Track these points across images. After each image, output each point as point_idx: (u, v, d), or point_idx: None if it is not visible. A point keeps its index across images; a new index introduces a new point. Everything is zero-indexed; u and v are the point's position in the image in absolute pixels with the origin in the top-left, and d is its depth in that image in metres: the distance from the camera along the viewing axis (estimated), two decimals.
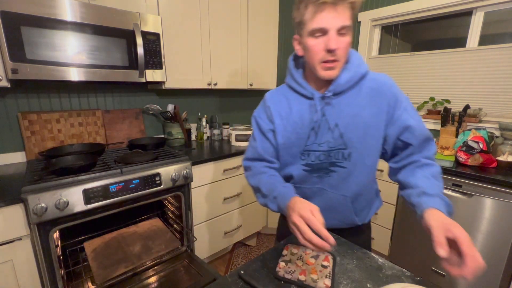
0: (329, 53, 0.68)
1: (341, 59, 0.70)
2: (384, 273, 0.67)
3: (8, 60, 1.10)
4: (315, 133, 0.79)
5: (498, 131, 1.64)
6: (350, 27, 0.67)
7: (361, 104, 0.75)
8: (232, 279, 0.65)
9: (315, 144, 0.80)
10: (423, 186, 0.68)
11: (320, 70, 0.72)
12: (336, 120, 0.76)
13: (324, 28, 0.66)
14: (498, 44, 1.67)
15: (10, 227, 1.03)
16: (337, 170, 0.81)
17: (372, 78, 0.77)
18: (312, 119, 0.79)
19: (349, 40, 0.69)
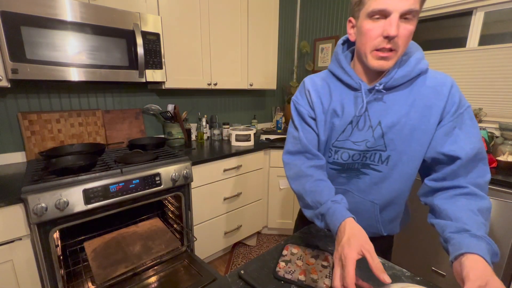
0: (386, 39, 0.58)
1: (399, 49, 0.60)
2: None
3: (8, 60, 1.10)
4: (351, 128, 0.71)
5: (498, 131, 1.64)
6: (417, 12, 0.57)
7: (412, 103, 0.66)
8: (232, 279, 0.65)
9: (349, 142, 0.72)
10: (466, 222, 0.55)
11: (371, 58, 0.63)
12: (380, 117, 0.68)
13: (386, 10, 0.57)
14: (498, 44, 1.66)
15: (10, 227, 1.03)
16: (369, 173, 0.74)
17: (431, 76, 0.67)
18: (353, 113, 0.70)
19: (412, 28, 0.59)
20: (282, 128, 2.56)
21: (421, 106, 0.66)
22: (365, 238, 0.53)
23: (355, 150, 0.72)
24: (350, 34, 0.69)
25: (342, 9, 2.39)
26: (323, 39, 2.59)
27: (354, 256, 0.49)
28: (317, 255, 0.72)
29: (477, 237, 0.52)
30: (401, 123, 0.67)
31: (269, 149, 2.02)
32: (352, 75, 0.70)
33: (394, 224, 0.81)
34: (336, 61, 0.75)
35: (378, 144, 0.70)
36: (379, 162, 0.71)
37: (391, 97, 0.67)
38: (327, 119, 0.75)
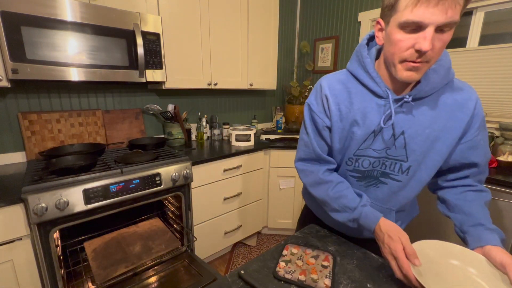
0: (418, 53, 0.55)
1: (431, 60, 0.57)
2: (384, 273, 0.66)
3: (9, 60, 1.10)
4: (373, 137, 0.69)
5: (498, 131, 1.64)
6: (457, 22, 0.52)
7: (437, 114, 0.65)
8: (232, 279, 0.65)
9: (370, 149, 0.70)
10: (479, 217, 0.66)
11: (400, 69, 0.59)
12: (404, 127, 0.66)
13: (422, 23, 0.52)
14: (499, 44, 1.66)
15: (11, 227, 1.03)
16: (388, 183, 0.74)
17: (457, 87, 0.66)
18: (376, 122, 0.67)
19: (448, 39, 0.54)
20: (282, 128, 2.55)
21: (445, 118, 0.65)
22: (399, 229, 0.63)
23: (375, 158, 0.71)
24: (377, 37, 0.64)
25: (342, 9, 2.39)
26: (323, 39, 2.59)
27: (400, 247, 0.58)
28: (317, 255, 0.72)
29: (491, 230, 0.63)
30: (425, 134, 0.66)
31: (269, 149, 2.02)
32: (379, 82, 0.66)
33: (405, 221, 0.85)
34: (359, 64, 0.70)
35: (400, 154, 0.69)
36: (399, 172, 0.71)
37: (416, 107, 0.66)
38: (345, 127, 0.72)
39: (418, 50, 0.54)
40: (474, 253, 0.61)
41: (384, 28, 0.61)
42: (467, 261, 0.61)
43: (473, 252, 0.62)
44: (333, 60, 2.54)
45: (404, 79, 0.59)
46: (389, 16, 0.58)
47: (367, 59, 0.68)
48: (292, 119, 2.49)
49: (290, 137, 2.24)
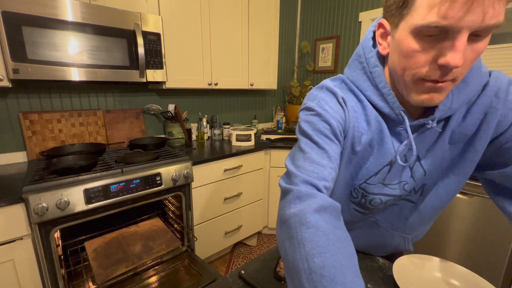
0: (442, 69, 0.39)
1: (459, 78, 0.41)
2: (385, 274, 0.66)
3: (10, 60, 1.10)
4: (388, 171, 0.54)
5: None
6: (500, 25, 0.36)
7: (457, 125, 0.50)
8: (233, 279, 0.65)
9: (381, 185, 0.55)
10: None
11: (413, 90, 0.43)
12: (419, 151, 0.52)
13: (452, 27, 0.35)
14: (499, 44, 1.66)
15: (11, 226, 1.03)
16: (399, 203, 0.62)
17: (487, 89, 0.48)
18: (393, 151, 0.52)
19: (484, 47, 0.38)
20: (282, 128, 2.56)
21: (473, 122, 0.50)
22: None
23: (389, 196, 0.56)
24: (380, 45, 0.49)
25: (343, 9, 2.39)
26: (324, 39, 2.59)
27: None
28: None
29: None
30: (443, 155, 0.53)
31: (270, 149, 2.02)
32: (392, 101, 0.49)
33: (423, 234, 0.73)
34: (364, 73, 0.52)
35: (419, 177, 0.55)
36: (412, 191, 0.59)
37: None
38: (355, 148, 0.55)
39: (444, 66, 0.37)
40: (456, 265, 0.63)
41: (390, 32, 0.45)
42: (450, 273, 0.63)
43: (455, 265, 0.64)
44: (333, 60, 2.54)
45: (420, 103, 0.43)
46: (398, 16, 0.41)
47: (376, 69, 0.50)
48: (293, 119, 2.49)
49: (291, 137, 2.24)
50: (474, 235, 1.41)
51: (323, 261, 0.35)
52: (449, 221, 1.49)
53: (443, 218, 1.51)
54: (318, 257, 0.35)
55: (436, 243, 1.55)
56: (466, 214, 1.43)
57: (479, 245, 1.40)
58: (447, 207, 1.49)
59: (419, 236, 0.71)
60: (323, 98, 0.53)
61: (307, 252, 0.36)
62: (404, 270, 0.63)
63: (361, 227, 0.68)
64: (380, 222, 0.65)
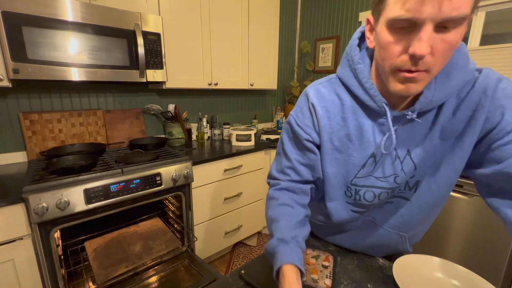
0: (412, 59, 0.42)
1: (433, 68, 0.43)
2: (385, 273, 0.66)
3: (10, 60, 1.10)
4: (374, 163, 0.57)
5: None
6: (466, 17, 0.39)
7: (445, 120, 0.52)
8: (233, 279, 0.65)
9: (372, 178, 0.58)
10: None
11: (393, 81, 0.46)
12: (409, 145, 0.54)
13: (415, 19, 0.39)
14: (500, 44, 1.66)
15: (11, 226, 1.03)
16: (394, 201, 0.62)
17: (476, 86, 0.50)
18: (374, 143, 0.56)
19: (455, 39, 0.41)
20: None
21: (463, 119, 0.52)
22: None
23: (381, 188, 0.58)
24: (368, 39, 0.53)
25: (343, 9, 2.39)
26: (324, 39, 2.59)
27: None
28: (318, 256, 0.72)
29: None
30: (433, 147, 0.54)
31: (270, 149, 2.02)
32: (374, 94, 0.53)
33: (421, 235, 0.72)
34: (350, 70, 0.57)
35: (409, 171, 0.56)
36: (406, 188, 0.59)
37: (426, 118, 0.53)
38: (336, 146, 0.59)
39: (412, 55, 0.41)
40: (456, 265, 0.63)
41: (374, 27, 0.49)
42: (450, 273, 0.63)
43: (455, 265, 0.64)
44: (333, 60, 2.54)
45: (397, 93, 0.47)
46: (378, 12, 0.46)
47: (359, 65, 0.54)
48: None
49: None
50: (474, 235, 1.41)
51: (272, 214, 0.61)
52: (449, 221, 1.49)
53: (443, 218, 1.51)
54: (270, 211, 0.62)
55: (436, 243, 1.55)
56: (466, 214, 1.43)
57: (479, 245, 1.40)
58: (447, 207, 1.49)
59: (418, 236, 0.71)
60: (300, 105, 0.64)
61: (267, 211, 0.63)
62: (404, 270, 0.63)
63: (359, 227, 0.70)
64: (377, 221, 0.66)
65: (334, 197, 0.64)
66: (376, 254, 0.74)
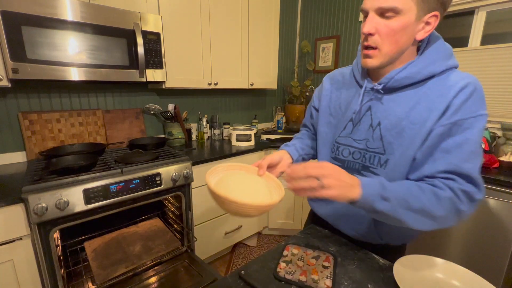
0: (364, 37, 0.60)
1: (382, 46, 0.58)
2: (385, 274, 0.66)
3: (9, 60, 1.10)
4: (352, 126, 0.71)
5: (500, 131, 1.64)
6: (396, 9, 0.54)
7: (415, 105, 0.61)
8: (233, 280, 0.64)
9: (350, 139, 0.71)
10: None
11: (361, 55, 0.63)
12: (380, 118, 0.65)
13: (364, 8, 0.58)
14: (501, 44, 1.66)
15: (11, 227, 1.03)
16: (367, 175, 0.69)
17: (447, 78, 0.59)
18: (353, 109, 0.71)
19: (395, 26, 0.55)
20: (283, 128, 2.55)
21: (423, 109, 0.60)
22: (275, 155, 0.76)
23: (355, 148, 0.71)
24: None
25: (343, 8, 2.39)
26: (324, 38, 2.59)
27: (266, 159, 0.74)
28: (318, 256, 0.72)
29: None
30: (400, 127, 0.62)
31: (270, 149, 2.02)
32: (360, 71, 0.71)
33: (395, 234, 0.73)
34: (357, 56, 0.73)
35: (377, 147, 0.66)
36: (378, 165, 0.67)
37: (394, 98, 0.64)
38: (332, 112, 0.78)
39: (363, 33, 0.59)
40: (457, 265, 0.64)
41: None
42: (451, 273, 0.63)
43: (455, 265, 0.64)
44: (334, 59, 2.53)
45: (363, 65, 0.64)
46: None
47: (359, 52, 0.70)
48: (293, 119, 2.49)
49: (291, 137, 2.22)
50: (474, 235, 1.41)
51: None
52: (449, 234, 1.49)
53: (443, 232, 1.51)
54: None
55: (436, 243, 1.55)
56: None
57: (479, 245, 1.40)
58: None
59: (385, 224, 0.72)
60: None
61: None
62: (404, 270, 0.62)
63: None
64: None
65: (323, 153, 0.80)
66: (350, 231, 0.79)
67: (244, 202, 0.54)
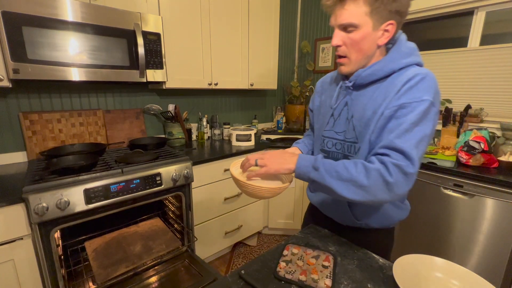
0: (336, 48, 0.71)
1: (350, 55, 0.69)
2: (385, 274, 0.66)
3: (10, 60, 1.10)
4: (334, 120, 0.80)
5: (499, 131, 1.64)
6: (354, 24, 0.64)
7: (376, 98, 0.69)
8: (233, 279, 0.65)
9: (333, 132, 0.81)
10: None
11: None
12: (353, 112, 0.75)
13: (331, 25, 0.70)
14: (500, 44, 1.66)
15: (11, 226, 1.03)
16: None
17: (404, 73, 0.67)
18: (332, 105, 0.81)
19: (356, 38, 0.66)
20: (283, 128, 2.55)
21: (380, 99, 0.68)
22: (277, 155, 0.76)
23: (337, 140, 0.80)
24: None
25: None
26: (324, 38, 2.59)
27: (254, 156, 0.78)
28: (318, 256, 0.72)
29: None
30: (366, 117, 0.71)
31: (270, 149, 2.02)
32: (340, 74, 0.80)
33: (372, 216, 0.79)
34: None
35: (352, 137, 0.75)
36: (354, 153, 0.76)
37: (363, 93, 0.73)
38: (321, 110, 0.88)
39: (332, 45, 0.71)
40: (457, 265, 0.64)
41: None
42: (450, 273, 0.64)
43: (455, 265, 0.64)
44: (334, 60, 2.53)
45: (339, 72, 0.78)
46: None
47: None
48: (293, 119, 2.49)
49: (291, 137, 2.24)
50: (474, 235, 1.41)
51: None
52: (449, 221, 1.49)
53: (443, 218, 1.51)
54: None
55: (436, 243, 1.55)
56: (466, 214, 1.43)
57: (479, 245, 1.40)
58: (447, 207, 1.49)
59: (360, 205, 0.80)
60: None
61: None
62: (404, 270, 0.63)
63: None
64: None
65: (315, 146, 0.90)
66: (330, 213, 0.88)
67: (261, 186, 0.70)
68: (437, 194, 1.52)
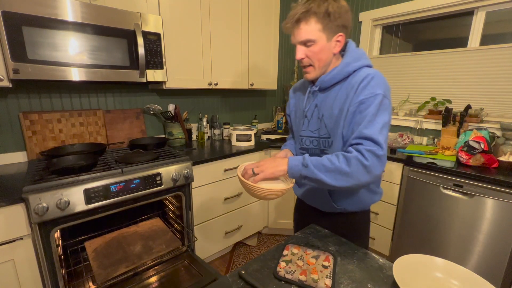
0: (300, 61, 0.83)
1: (314, 64, 0.82)
2: (385, 273, 0.66)
3: (10, 60, 1.10)
4: (308, 121, 0.91)
5: (499, 131, 1.64)
6: (311, 40, 0.77)
7: (339, 97, 0.82)
8: (233, 279, 0.65)
9: (308, 131, 0.92)
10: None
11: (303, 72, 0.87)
12: (323, 111, 0.86)
13: (293, 42, 0.82)
14: (500, 44, 1.66)
15: (12, 226, 1.03)
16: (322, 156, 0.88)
17: (357, 74, 0.80)
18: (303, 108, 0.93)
19: (316, 50, 0.79)
20: (282, 128, 2.55)
21: (343, 99, 0.80)
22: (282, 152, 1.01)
23: (313, 137, 0.91)
24: None
25: None
26: None
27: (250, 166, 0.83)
28: (318, 255, 0.72)
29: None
30: (334, 115, 0.83)
31: (270, 149, 2.02)
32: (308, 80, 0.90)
33: (348, 200, 0.90)
34: None
35: (325, 133, 0.87)
36: (328, 147, 0.87)
37: (328, 94, 0.85)
38: (296, 114, 0.98)
39: (296, 59, 0.83)
40: (456, 265, 0.65)
41: None
42: (450, 273, 0.64)
43: (455, 265, 0.65)
44: None
45: (305, 79, 0.90)
46: None
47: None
48: None
49: None
50: (474, 235, 1.41)
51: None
52: (449, 221, 1.49)
53: (443, 218, 1.51)
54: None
55: (436, 243, 1.55)
56: (466, 214, 1.43)
57: (479, 245, 1.40)
58: (447, 207, 1.49)
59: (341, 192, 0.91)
60: None
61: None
62: (404, 270, 0.63)
63: None
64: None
65: (296, 146, 1.00)
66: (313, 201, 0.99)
67: (267, 188, 0.75)
68: (437, 194, 1.52)
